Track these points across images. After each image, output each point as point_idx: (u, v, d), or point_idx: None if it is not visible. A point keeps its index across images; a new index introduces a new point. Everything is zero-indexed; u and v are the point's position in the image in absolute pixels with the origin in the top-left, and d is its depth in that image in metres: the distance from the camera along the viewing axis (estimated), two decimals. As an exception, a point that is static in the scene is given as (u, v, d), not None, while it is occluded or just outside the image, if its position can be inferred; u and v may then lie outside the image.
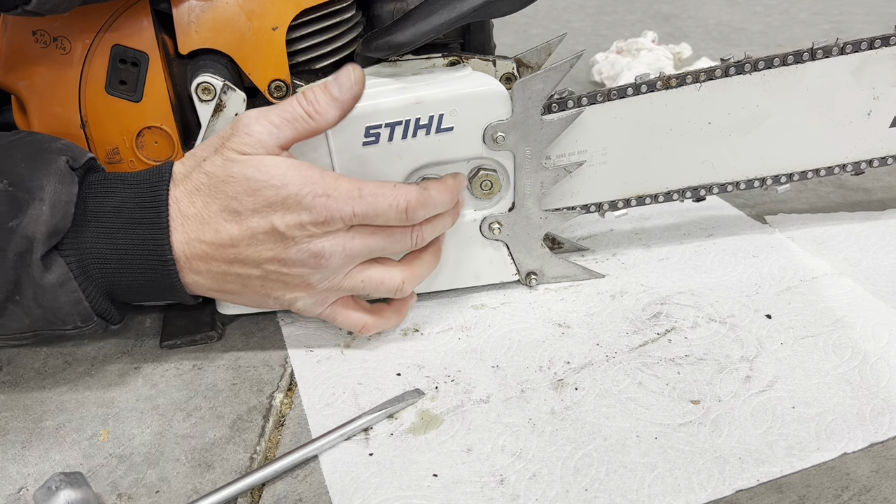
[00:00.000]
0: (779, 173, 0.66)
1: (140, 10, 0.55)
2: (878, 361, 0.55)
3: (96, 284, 0.50)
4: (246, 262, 0.51)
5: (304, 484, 0.48)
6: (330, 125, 0.51)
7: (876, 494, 0.45)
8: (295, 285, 0.53)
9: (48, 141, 0.52)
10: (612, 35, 1.37)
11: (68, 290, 0.49)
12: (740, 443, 0.49)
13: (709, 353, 0.57)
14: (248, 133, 0.50)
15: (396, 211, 0.51)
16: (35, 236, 0.48)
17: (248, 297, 0.54)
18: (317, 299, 0.54)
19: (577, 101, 0.59)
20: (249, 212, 0.50)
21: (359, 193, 0.50)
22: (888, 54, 0.62)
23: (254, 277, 0.52)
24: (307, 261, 0.51)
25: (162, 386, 0.57)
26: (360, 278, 0.54)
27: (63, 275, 0.49)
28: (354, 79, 0.51)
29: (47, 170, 0.49)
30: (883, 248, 0.68)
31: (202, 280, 0.52)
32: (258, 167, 0.49)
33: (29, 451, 0.52)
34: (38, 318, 0.50)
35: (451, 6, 0.54)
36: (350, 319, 0.57)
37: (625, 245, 0.71)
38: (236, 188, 0.49)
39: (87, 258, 0.50)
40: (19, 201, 0.48)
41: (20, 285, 0.48)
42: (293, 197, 0.49)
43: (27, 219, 0.48)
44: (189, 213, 0.50)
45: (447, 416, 0.53)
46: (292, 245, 0.50)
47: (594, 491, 0.46)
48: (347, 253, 0.52)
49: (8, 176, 0.49)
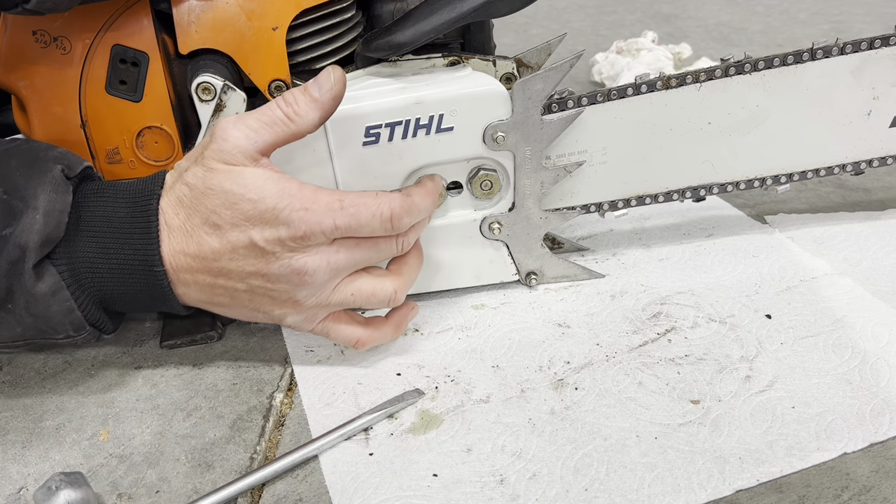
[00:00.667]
0: (779, 173, 0.66)
1: (140, 9, 0.55)
2: (878, 361, 0.55)
3: (89, 294, 0.50)
4: (230, 276, 0.50)
5: (304, 484, 0.48)
6: (311, 128, 0.50)
7: (876, 494, 0.45)
8: (282, 301, 0.52)
9: (44, 149, 0.51)
10: (612, 35, 1.37)
11: (60, 300, 0.49)
12: (740, 443, 0.49)
13: (709, 353, 0.57)
14: (224, 139, 0.48)
15: (381, 220, 0.50)
16: (28, 245, 0.47)
17: (239, 310, 0.53)
18: (306, 316, 0.53)
19: (577, 101, 0.59)
20: (229, 225, 0.48)
21: (340, 205, 0.49)
22: (888, 54, 0.62)
23: (241, 291, 0.51)
24: (290, 277, 0.50)
25: (162, 386, 0.57)
26: (350, 291, 0.53)
27: (55, 284, 0.48)
28: (334, 79, 0.49)
29: (42, 178, 0.48)
30: (883, 248, 0.68)
31: (192, 292, 0.51)
32: (235, 180, 0.48)
33: (29, 450, 0.52)
34: (29, 326, 0.49)
35: (451, 6, 0.54)
36: (344, 334, 0.55)
37: (625, 245, 0.71)
38: (215, 201, 0.48)
39: (80, 267, 0.49)
40: (13, 209, 0.47)
41: (12, 294, 0.48)
42: (270, 211, 0.48)
43: (20, 227, 0.47)
44: (174, 224, 0.49)
45: (447, 416, 0.53)
46: (274, 260, 0.49)
47: (594, 491, 0.46)
48: (332, 267, 0.50)
49: (3, 184, 0.48)
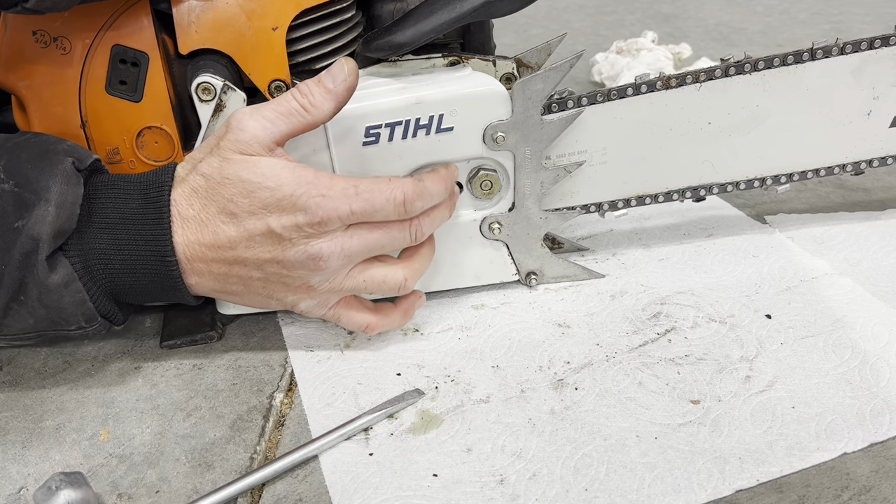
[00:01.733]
0: (779, 173, 0.66)
1: (140, 9, 0.55)
2: (878, 361, 0.55)
3: (100, 285, 0.51)
4: (246, 263, 0.51)
5: (304, 484, 0.48)
6: (326, 118, 0.51)
7: (876, 494, 0.45)
8: (296, 287, 0.53)
9: (54, 142, 0.52)
10: (612, 35, 1.37)
11: (73, 291, 0.49)
12: (740, 443, 0.49)
13: (709, 353, 0.57)
14: (241, 129, 0.49)
15: (394, 204, 0.51)
16: (41, 237, 0.48)
17: (251, 297, 0.54)
18: (319, 301, 0.54)
19: (577, 101, 0.59)
20: (246, 214, 0.49)
21: (355, 191, 0.50)
22: (888, 54, 0.62)
23: (255, 279, 0.52)
24: (306, 262, 0.51)
25: (162, 386, 0.57)
26: (362, 278, 0.54)
27: (67, 275, 0.49)
28: (348, 70, 0.51)
29: (53, 171, 0.49)
30: (883, 248, 0.68)
31: (205, 281, 0.52)
32: (252, 169, 0.49)
33: (29, 450, 0.52)
34: (42, 318, 0.50)
35: (451, 6, 0.54)
36: (354, 319, 0.56)
37: (625, 245, 0.71)
38: (232, 190, 0.49)
39: (92, 259, 0.50)
40: (26, 202, 0.48)
41: (25, 285, 0.49)
42: (288, 198, 0.49)
43: (33, 219, 0.48)
44: (188, 215, 0.50)
45: (447, 416, 0.53)
46: (290, 247, 0.50)
47: (594, 491, 0.46)
48: (346, 253, 0.51)
49: (15, 177, 0.49)
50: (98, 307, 0.51)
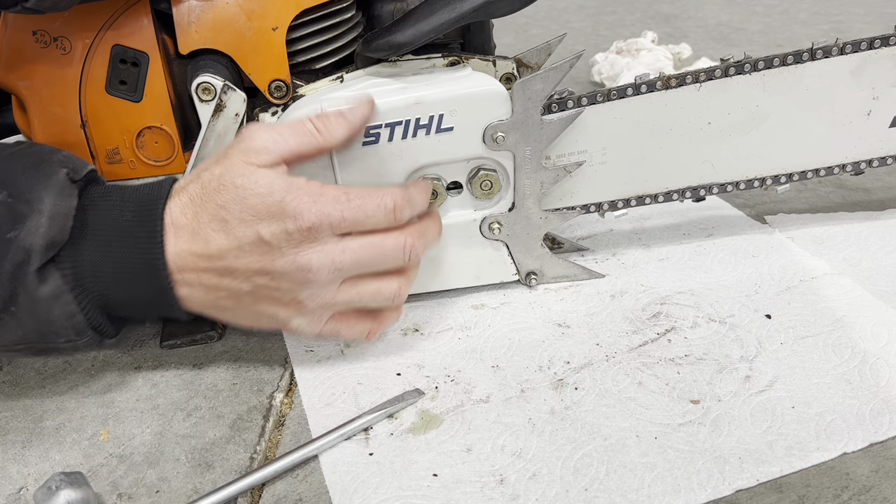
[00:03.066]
0: (779, 173, 0.66)
1: (140, 9, 0.56)
2: (877, 361, 0.55)
3: (91, 298, 0.50)
4: (235, 274, 0.50)
5: (304, 484, 0.48)
6: (336, 142, 0.52)
7: (876, 494, 0.45)
8: (286, 302, 0.51)
9: (49, 153, 0.51)
10: (612, 35, 1.37)
11: (63, 303, 0.49)
12: (740, 443, 0.49)
13: (709, 353, 0.57)
14: (252, 139, 0.50)
15: (385, 211, 0.51)
16: (32, 248, 0.47)
17: (243, 313, 0.53)
18: (311, 318, 0.53)
19: (577, 101, 0.59)
20: (237, 221, 0.49)
21: (346, 198, 0.50)
22: (888, 54, 0.62)
23: (244, 293, 0.51)
24: (294, 274, 0.50)
25: (162, 386, 0.57)
26: (354, 291, 0.53)
27: (58, 287, 0.48)
28: (367, 105, 0.53)
29: (47, 182, 0.49)
30: (883, 248, 0.68)
31: (196, 293, 0.51)
32: (248, 176, 0.49)
33: (29, 450, 0.52)
34: (31, 330, 0.49)
35: (451, 6, 0.54)
36: (354, 330, 0.55)
37: (625, 245, 0.71)
38: (225, 196, 0.49)
39: (83, 271, 0.49)
40: (19, 213, 0.48)
41: (15, 296, 0.48)
42: (277, 204, 0.48)
43: (25, 230, 0.47)
44: (181, 223, 0.49)
45: (447, 415, 0.53)
46: (279, 256, 0.49)
47: (594, 491, 0.46)
48: (336, 267, 0.50)
49: (8, 187, 0.48)
50: (89, 320, 0.50)
